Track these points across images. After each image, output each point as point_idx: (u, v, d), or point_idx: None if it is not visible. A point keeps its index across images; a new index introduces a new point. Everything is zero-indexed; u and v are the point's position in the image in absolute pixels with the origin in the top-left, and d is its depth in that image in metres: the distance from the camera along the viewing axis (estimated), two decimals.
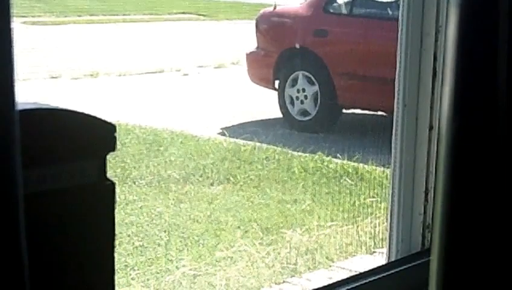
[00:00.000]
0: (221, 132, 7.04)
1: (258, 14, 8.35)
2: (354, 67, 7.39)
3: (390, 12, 7.45)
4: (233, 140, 6.71)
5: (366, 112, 7.68)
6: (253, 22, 8.31)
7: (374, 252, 4.52)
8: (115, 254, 1.39)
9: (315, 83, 7.52)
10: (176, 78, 9.53)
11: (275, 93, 7.78)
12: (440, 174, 0.79)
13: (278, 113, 7.70)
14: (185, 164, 5.97)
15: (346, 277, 3.15)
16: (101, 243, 1.36)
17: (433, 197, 3.11)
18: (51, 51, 10.48)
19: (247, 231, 4.73)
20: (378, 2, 8.19)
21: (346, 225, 4.91)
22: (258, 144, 6.54)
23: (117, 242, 2.07)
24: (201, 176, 5.71)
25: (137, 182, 5.43)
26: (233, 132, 6.99)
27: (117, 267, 2.45)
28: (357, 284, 2.91)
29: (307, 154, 6.29)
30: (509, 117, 0.75)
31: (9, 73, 0.79)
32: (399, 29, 3.10)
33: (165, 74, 9.64)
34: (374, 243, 4.68)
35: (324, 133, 7.15)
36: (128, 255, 4.29)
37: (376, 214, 5.08)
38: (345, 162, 6.11)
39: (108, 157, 1.35)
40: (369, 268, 3.12)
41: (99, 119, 1.34)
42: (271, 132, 7.05)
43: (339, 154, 6.21)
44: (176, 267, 4.22)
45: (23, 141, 0.82)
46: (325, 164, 6.09)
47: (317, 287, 2.97)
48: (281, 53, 7.89)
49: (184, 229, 4.72)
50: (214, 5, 16.19)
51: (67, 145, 1.30)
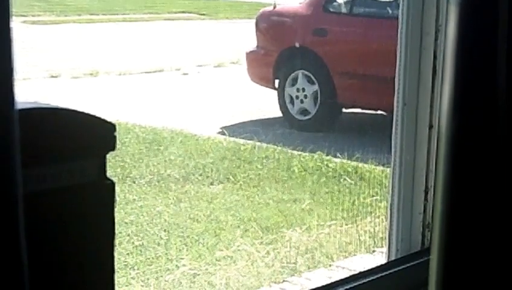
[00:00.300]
0: (221, 131, 7.04)
1: (258, 13, 8.35)
2: (354, 67, 7.38)
3: (390, 11, 7.44)
4: (233, 139, 6.71)
5: (366, 111, 7.69)
6: (253, 21, 8.31)
7: (374, 251, 4.52)
8: (115, 253, 1.39)
9: (315, 82, 7.52)
10: (176, 77, 9.53)
11: (275, 92, 7.78)
12: (440, 173, 0.79)
13: (277, 113, 7.70)
14: (184, 163, 5.97)
15: (346, 276, 3.15)
16: (101, 242, 1.36)
17: (433, 196, 3.11)
18: (51, 50, 10.48)
19: (247, 230, 4.73)
20: (378, 1, 8.19)
21: (346, 224, 4.91)
22: (258, 143, 6.54)
23: (117, 241, 2.07)
24: (201, 175, 5.71)
25: (137, 181, 5.43)
26: (233, 131, 6.99)
27: (117, 266, 2.45)
28: (357, 283, 2.91)
29: (307, 154, 6.28)
30: (509, 116, 0.75)
31: (9, 72, 0.79)
32: (399, 28, 3.09)
33: (164, 73, 9.64)
34: (374, 242, 4.68)
35: (324, 132, 7.15)
36: (128, 254, 4.29)
37: (376, 213, 5.08)
38: (344, 161, 6.11)
39: (108, 156, 1.35)
40: (369, 267, 3.12)
41: (99, 119, 1.34)
42: (271, 131, 7.05)
43: (338, 154, 6.21)
44: (176, 266, 4.22)
45: (23, 140, 0.81)
46: (325, 163, 6.09)
47: (317, 286, 2.97)
48: (280, 52, 7.88)
49: (184, 228, 4.72)
50: (213, 4, 16.19)
51: (67, 144, 1.30)
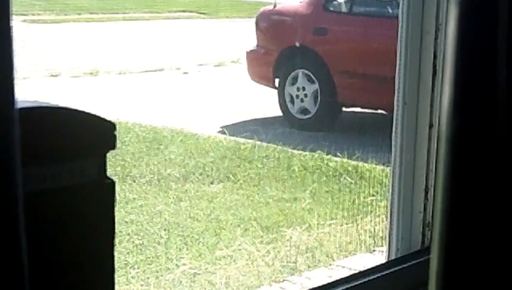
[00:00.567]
0: (221, 130, 7.03)
1: (258, 12, 8.35)
2: (354, 66, 7.38)
3: (390, 10, 7.44)
4: (233, 138, 6.71)
5: (366, 111, 7.68)
6: (253, 20, 8.30)
7: (374, 250, 4.52)
8: (115, 252, 1.39)
9: (315, 81, 7.52)
10: (176, 76, 9.53)
11: (275, 91, 7.78)
12: (440, 173, 0.79)
13: (277, 112, 7.70)
14: (184, 162, 5.97)
15: (346, 275, 3.15)
16: (101, 241, 1.36)
17: (433, 195, 3.11)
18: (51, 49, 10.48)
19: (247, 229, 4.73)
20: (378, 0, 8.19)
21: (346, 224, 4.91)
22: (258, 142, 6.54)
23: (117, 240, 2.07)
24: (201, 174, 5.71)
25: (137, 181, 5.43)
26: (233, 130, 6.99)
27: (117, 265, 2.45)
28: (357, 282, 2.91)
29: (307, 153, 6.28)
30: (509, 115, 0.75)
31: (9, 71, 0.79)
32: (399, 27, 3.09)
33: (165, 72, 9.63)
34: (374, 242, 4.68)
35: (324, 131, 7.15)
36: (128, 253, 4.29)
37: (376, 212, 5.08)
38: (344, 160, 6.10)
39: (108, 155, 1.35)
40: (369, 266, 3.12)
41: (99, 118, 1.34)
42: (271, 130, 7.05)
43: (338, 153, 6.21)
44: (176, 265, 4.22)
45: (23, 140, 0.81)
46: (325, 162, 6.09)
47: (317, 285, 2.97)
48: (281, 51, 7.88)
49: (184, 227, 4.72)
50: (214, 3, 16.18)
51: (67, 143, 1.30)
